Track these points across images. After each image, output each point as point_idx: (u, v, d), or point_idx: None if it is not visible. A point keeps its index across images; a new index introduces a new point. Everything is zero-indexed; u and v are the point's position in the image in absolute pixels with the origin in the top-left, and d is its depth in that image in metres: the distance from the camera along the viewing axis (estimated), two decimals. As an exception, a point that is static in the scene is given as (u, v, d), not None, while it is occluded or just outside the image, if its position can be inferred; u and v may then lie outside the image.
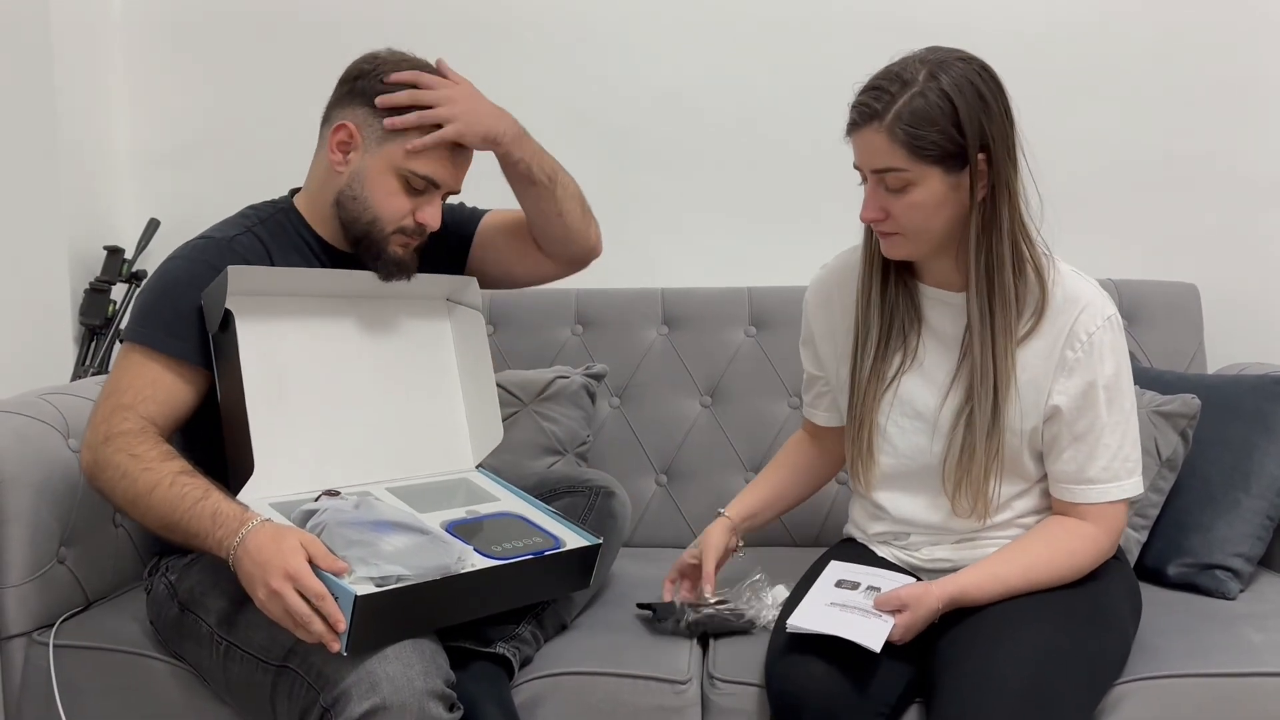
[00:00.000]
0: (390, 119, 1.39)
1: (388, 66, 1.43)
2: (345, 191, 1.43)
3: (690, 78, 2.20)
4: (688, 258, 2.23)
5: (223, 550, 1.23)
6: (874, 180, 1.30)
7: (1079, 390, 1.32)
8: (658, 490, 2.02)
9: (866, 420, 1.42)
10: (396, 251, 1.45)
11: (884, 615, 1.26)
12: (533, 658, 1.43)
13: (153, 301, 1.38)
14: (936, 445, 1.38)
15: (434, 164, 1.42)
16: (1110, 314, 1.33)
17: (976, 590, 1.30)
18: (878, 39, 2.11)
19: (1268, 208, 2.15)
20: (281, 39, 2.22)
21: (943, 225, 1.30)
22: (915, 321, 1.40)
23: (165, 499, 1.26)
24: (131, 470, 1.28)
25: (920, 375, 1.40)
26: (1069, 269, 1.37)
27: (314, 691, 1.22)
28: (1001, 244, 1.30)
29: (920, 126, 1.23)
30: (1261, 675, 1.34)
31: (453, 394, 1.58)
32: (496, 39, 2.20)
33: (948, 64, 1.26)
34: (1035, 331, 1.33)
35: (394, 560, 1.21)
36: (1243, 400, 1.74)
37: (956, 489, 1.36)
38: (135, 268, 2.18)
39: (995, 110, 1.26)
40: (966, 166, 1.26)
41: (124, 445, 1.30)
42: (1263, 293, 2.16)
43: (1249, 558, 1.64)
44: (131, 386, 1.34)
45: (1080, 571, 1.33)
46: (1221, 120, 2.14)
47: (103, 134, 2.24)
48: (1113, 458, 1.33)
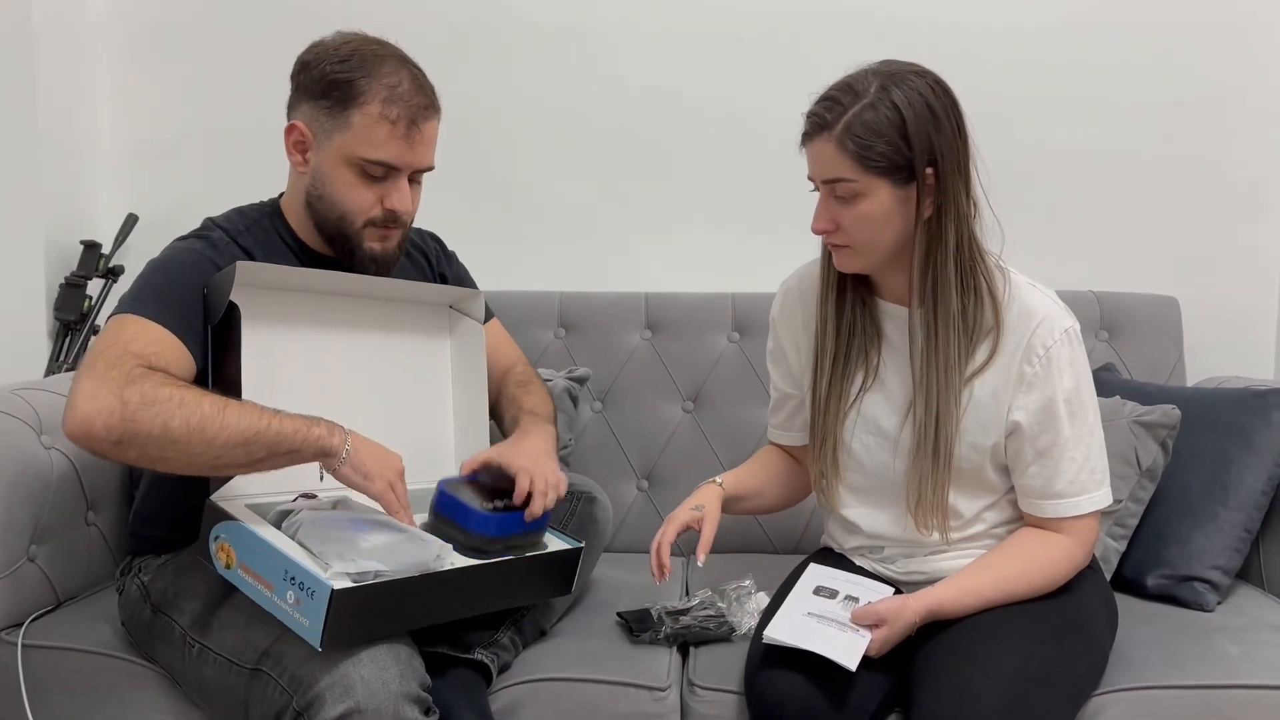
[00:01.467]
0: None
1: (329, 53, 1.37)
2: (311, 191, 1.40)
3: (678, 83, 2.20)
4: (671, 262, 2.23)
5: (330, 443, 1.24)
6: (825, 191, 1.30)
7: (1039, 406, 1.31)
8: (639, 495, 2.01)
9: (830, 437, 1.41)
10: (373, 247, 1.41)
11: (860, 630, 1.26)
12: (511, 664, 1.42)
13: (150, 282, 1.33)
14: (900, 464, 1.38)
15: (385, 146, 1.35)
16: (1067, 326, 1.32)
17: (953, 604, 1.30)
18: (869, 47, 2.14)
19: (1248, 220, 2.17)
20: (263, 35, 2.21)
21: (892, 238, 1.30)
22: (875, 338, 1.40)
23: (242, 412, 1.20)
24: (190, 398, 1.18)
25: (882, 393, 1.39)
26: (1025, 281, 1.35)
27: (287, 694, 1.20)
28: (947, 263, 1.29)
29: (868, 137, 1.23)
30: (1239, 688, 1.35)
31: (443, 404, 1.57)
32: (485, 42, 2.20)
33: (901, 77, 1.26)
34: (992, 359, 1.32)
35: (372, 556, 1.20)
36: (1222, 413, 1.75)
37: (917, 507, 1.36)
38: (112, 263, 2.16)
39: (946, 126, 1.26)
40: (914, 180, 1.26)
41: (161, 379, 1.20)
42: (1243, 306, 2.18)
43: (1227, 570, 1.64)
44: (137, 341, 1.24)
45: (1055, 583, 1.34)
46: (1202, 132, 2.15)
47: (82, 128, 2.21)
48: (1079, 471, 1.33)
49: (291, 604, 1.17)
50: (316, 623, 1.14)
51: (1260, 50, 2.13)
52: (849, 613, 1.29)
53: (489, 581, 1.31)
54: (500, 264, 2.16)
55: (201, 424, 1.18)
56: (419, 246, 1.62)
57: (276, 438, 1.21)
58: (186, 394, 1.19)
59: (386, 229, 1.41)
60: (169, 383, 1.20)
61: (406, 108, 1.35)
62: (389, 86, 1.35)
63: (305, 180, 1.40)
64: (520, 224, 2.24)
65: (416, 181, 1.43)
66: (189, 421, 1.17)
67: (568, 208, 2.23)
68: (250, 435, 1.20)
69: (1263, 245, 2.17)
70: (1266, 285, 2.18)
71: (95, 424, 1.16)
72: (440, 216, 1.75)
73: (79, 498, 1.62)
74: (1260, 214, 2.17)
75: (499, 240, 2.22)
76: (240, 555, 1.23)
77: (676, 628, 1.49)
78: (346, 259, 1.42)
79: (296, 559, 1.17)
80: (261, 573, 1.21)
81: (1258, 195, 2.16)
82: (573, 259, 2.23)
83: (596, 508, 1.60)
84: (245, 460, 1.21)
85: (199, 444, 1.18)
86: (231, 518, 1.24)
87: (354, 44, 1.38)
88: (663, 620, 1.50)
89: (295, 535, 1.22)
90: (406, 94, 1.35)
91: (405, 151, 1.37)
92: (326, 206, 1.39)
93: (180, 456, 1.19)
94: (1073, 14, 2.13)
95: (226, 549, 1.24)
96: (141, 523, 1.49)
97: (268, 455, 1.21)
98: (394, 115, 1.34)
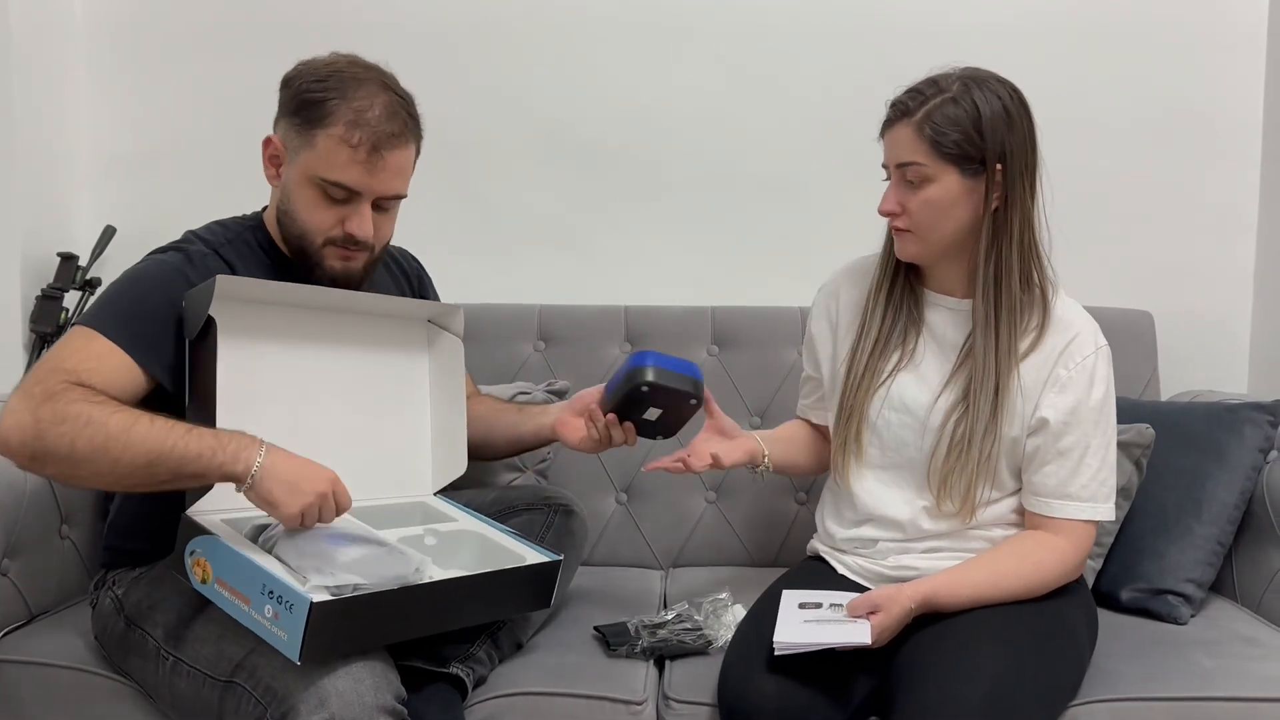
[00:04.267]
0: None
1: (310, 71, 1.37)
2: (280, 206, 1.41)
3: (659, 96, 2.20)
4: (652, 276, 2.23)
5: (240, 462, 1.19)
6: (896, 175, 1.38)
7: (1068, 408, 1.37)
8: (618, 509, 2.01)
9: (856, 411, 1.46)
10: (334, 265, 1.40)
11: (859, 620, 1.28)
12: (487, 678, 1.41)
13: (115, 295, 1.34)
14: (925, 441, 1.42)
15: (345, 170, 1.34)
16: (1103, 344, 1.41)
17: (947, 592, 1.32)
18: (848, 64, 2.17)
19: (1220, 236, 2.19)
20: (243, 46, 2.20)
21: (954, 227, 1.37)
22: (917, 324, 1.46)
23: (150, 431, 1.18)
24: (97, 416, 1.18)
25: (914, 375, 1.44)
26: (1069, 299, 1.44)
27: (261, 707, 1.20)
28: (1011, 254, 1.37)
29: (945, 126, 1.32)
30: (1212, 700, 1.36)
31: (421, 419, 1.56)
32: (464, 50, 2.20)
33: (983, 80, 1.35)
34: (1036, 347, 1.39)
35: (350, 570, 1.19)
36: (1195, 427, 1.77)
37: (942, 486, 1.40)
38: (89, 275, 2.14)
39: (1019, 129, 1.35)
40: (984, 174, 1.34)
41: (79, 396, 1.19)
42: (1217, 319, 2.20)
43: (1200, 583, 1.66)
44: (74, 357, 1.26)
45: (1047, 585, 1.36)
46: (1175, 150, 2.17)
47: (60, 139, 2.20)
48: (1092, 478, 1.38)
49: (269, 618, 1.16)
50: (295, 636, 1.13)
51: (1233, 68, 2.15)
52: (841, 614, 1.30)
53: (468, 594, 1.31)
54: (479, 277, 2.17)
55: (105, 443, 1.17)
56: (399, 264, 1.63)
57: (180, 460, 1.18)
58: (95, 411, 1.18)
59: (348, 250, 1.40)
60: (84, 400, 1.19)
61: (370, 133, 1.34)
62: (357, 110, 1.34)
63: (277, 195, 1.42)
64: (500, 236, 2.24)
65: (384, 208, 1.42)
66: (93, 441, 1.17)
67: (548, 220, 2.23)
68: (154, 456, 1.18)
69: (1236, 259, 2.19)
70: (1240, 299, 2.20)
71: (11, 440, 1.19)
72: (419, 230, 1.75)
73: (53, 511, 1.61)
74: (1234, 228, 2.19)
75: (478, 253, 2.22)
76: (217, 570, 1.22)
77: (653, 641, 1.49)
78: (308, 275, 1.41)
79: (274, 572, 1.17)
80: (238, 587, 1.20)
81: (1232, 209, 2.18)
82: (552, 272, 2.23)
83: (573, 520, 1.60)
84: (151, 481, 1.20)
85: (105, 463, 1.18)
86: (208, 532, 1.23)
87: (338, 65, 1.38)
88: (639, 633, 1.50)
89: (272, 550, 1.21)
90: (374, 120, 1.34)
91: (365, 177, 1.35)
92: (290, 222, 1.40)
93: (89, 475, 1.20)
94: (1050, 33, 2.15)
95: (203, 564, 1.24)
96: (116, 536, 1.47)
97: (172, 477, 1.20)
98: (355, 140, 1.33)
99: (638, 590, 1.79)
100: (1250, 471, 1.70)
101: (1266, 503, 1.69)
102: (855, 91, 2.09)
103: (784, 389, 2.01)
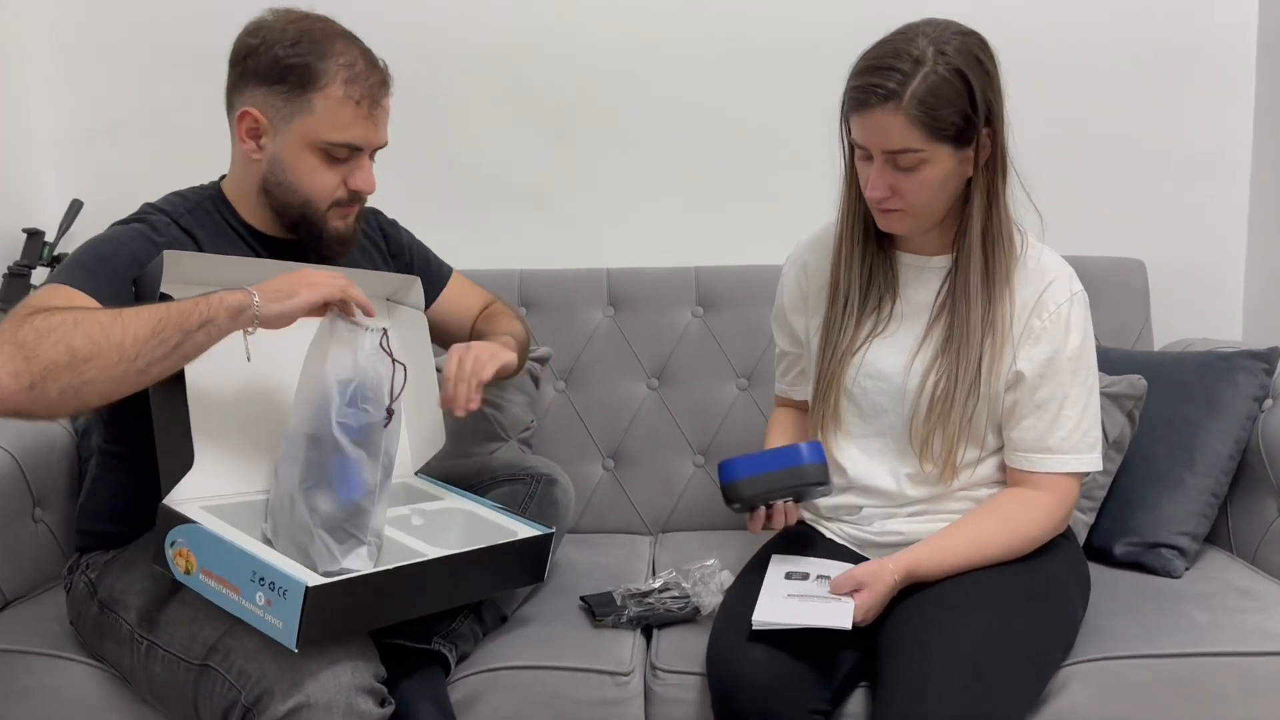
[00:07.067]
0: None
1: (275, 36, 1.33)
2: (268, 179, 1.36)
3: (635, 50, 2.15)
4: (633, 237, 2.19)
5: (238, 292, 1.18)
6: (883, 160, 1.29)
7: (1043, 358, 1.34)
8: (605, 475, 1.98)
9: (834, 382, 1.42)
10: (337, 226, 1.39)
11: (843, 598, 1.26)
12: (471, 653, 1.39)
13: (80, 256, 1.29)
14: (904, 406, 1.39)
15: (351, 128, 1.33)
16: (1077, 290, 1.36)
17: (929, 562, 1.30)
18: (830, 13, 2.11)
19: (1212, 182, 2.15)
20: (207, 16, 2.14)
21: (946, 199, 1.33)
22: (891, 290, 1.41)
23: (138, 310, 1.14)
24: (81, 315, 1.11)
25: (889, 341, 1.41)
26: (1035, 240, 1.39)
27: (236, 690, 1.17)
28: (993, 214, 1.32)
29: (939, 107, 1.24)
30: (1206, 655, 1.34)
31: None
32: (433, 7, 2.14)
33: (948, 37, 1.26)
34: (1012, 299, 1.35)
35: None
36: (1188, 377, 1.74)
37: (924, 447, 1.36)
38: (57, 251, 2.09)
39: (995, 81, 1.29)
40: (974, 139, 1.28)
41: (50, 312, 1.12)
42: (1209, 267, 2.17)
43: (1195, 536, 1.64)
44: (44, 299, 1.18)
45: (1031, 544, 1.34)
46: (1165, 95, 2.13)
47: (22, 111, 2.14)
48: (1072, 429, 1.34)
49: (262, 605, 1.12)
50: (291, 623, 1.09)
51: (1223, 6, 2.10)
52: (826, 589, 1.29)
53: (463, 572, 1.28)
54: (456, 242, 2.10)
55: (104, 331, 1.10)
56: (365, 231, 1.58)
57: (181, 315, 1.14)
58: (78, 313, 1.12)
59: (347, 207, 1.40)
60: (58, 310, 1.12)
61: (367, 86, 1.34)
62: (346, 66, 1.32)
63: (260, 167, 1.36)
64: (475, 200, 2.19)
65: (372, 157, 1.41)
66: (91, 335, 1.09)
67: (524, 182, 2.18)
68: (154, 323, 1.12)
69: (1229, 207, 2.15)
70: (1234, 247, 2.16)
71: (3, 376, 1.07)
72: (391, 196, 1.70)
73: (24, 494, 1.58)
74: (1225, 176, 2.15)
75: (454, 218, 2.17)
76: (201, 560, 1.18)
77: (640, 610, 1.47)
78: (313, 242, 1.39)
79: (262, 556, 1.13)
80: (226, 576, 1.15)
81: (1223, 157, 2.14)
82: (531, 235, 2.19)
83: (557, 489, 1.57)
84: (162, 352, 1.13)
85: (111, 352, 1.10)
86: (189, 520, 1.19)
87: (300, 24, 1.34)
88: (626, 603, 1.48)
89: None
90: (364, 72, 1.34)
91: (370, 131, 1.35)
92: (288, 193, 1.36)
93: (99, 373, 1.10)
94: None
95: (185, 554, 1.19)
96: (88, 518, 1.44)
97: (181, 336, 1.14)
98: (357, 95, 1.32)
99: (626, 557, 1.77)
100: (1245, 421, 1.67)
101: (1262, 452, 1.67)
102: (834, 41, 2.04)
103: (770, 350, 1.95)
